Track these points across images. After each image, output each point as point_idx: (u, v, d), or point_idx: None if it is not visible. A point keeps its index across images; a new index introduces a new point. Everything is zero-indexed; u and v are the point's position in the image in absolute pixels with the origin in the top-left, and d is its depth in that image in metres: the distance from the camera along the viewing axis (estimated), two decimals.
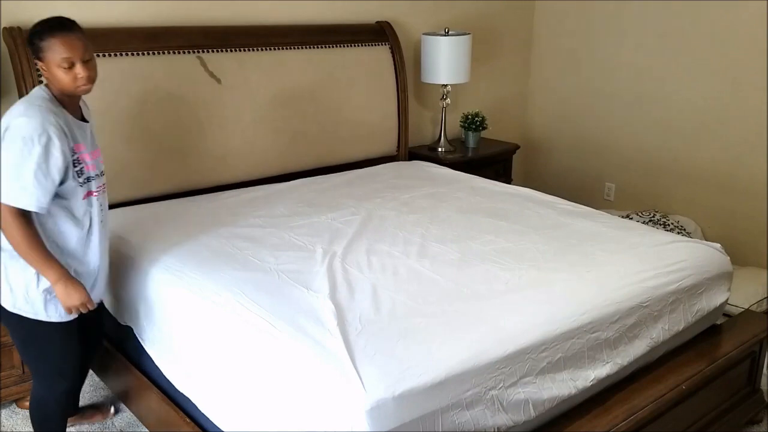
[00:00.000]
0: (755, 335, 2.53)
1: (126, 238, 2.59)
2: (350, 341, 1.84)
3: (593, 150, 4.62)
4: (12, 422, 2.68)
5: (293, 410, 1.77)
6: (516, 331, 1.94)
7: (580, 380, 2.04)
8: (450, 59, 3.90)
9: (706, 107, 3.98)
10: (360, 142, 3.77)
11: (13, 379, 2.68)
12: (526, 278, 2.26)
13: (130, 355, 2.53)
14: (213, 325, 2.08)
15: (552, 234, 2.66)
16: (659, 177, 4.28)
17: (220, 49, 3.24)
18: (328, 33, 3.64)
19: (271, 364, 1.87)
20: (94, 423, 2.68)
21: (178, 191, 3.13)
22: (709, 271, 2.47)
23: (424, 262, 2.37)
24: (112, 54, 2.95)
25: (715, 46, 3.88)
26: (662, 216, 4.03)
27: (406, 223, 2.77)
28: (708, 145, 4.01)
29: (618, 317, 2.14)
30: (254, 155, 3.35)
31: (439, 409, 1.72)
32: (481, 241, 2.58)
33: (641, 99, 4.28)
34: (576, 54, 4.59)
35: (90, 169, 2.10)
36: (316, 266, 2.32)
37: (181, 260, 2.38)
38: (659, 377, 2.24)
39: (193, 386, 2.15)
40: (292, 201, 3.02)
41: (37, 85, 2.14)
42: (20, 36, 2.74)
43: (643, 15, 4.18)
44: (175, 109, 3.08)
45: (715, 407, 2.45)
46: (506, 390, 1.86)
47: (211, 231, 2.63)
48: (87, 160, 2.09)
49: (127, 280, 2.49)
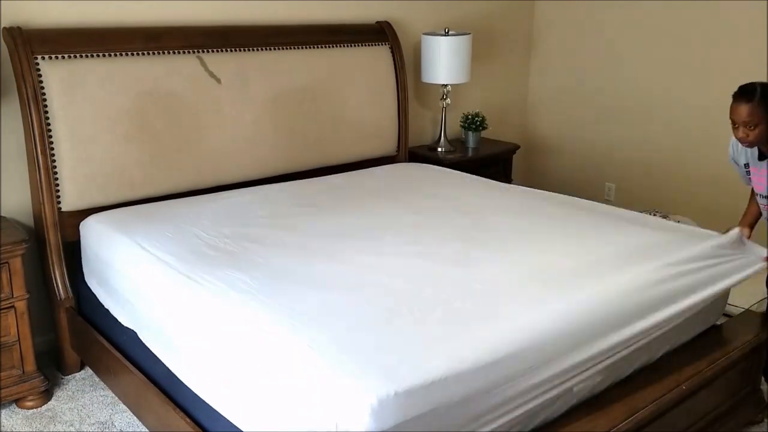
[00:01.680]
0: (755, 335, 2.53)
1: (126, 238, 2.59)
2: (352, 339, 1.84)
3: (593, 150, 4.62)
4: (11, 422, 2.68)
5: (294, 408, 1.77)
6: (520, 330, 1.93)
7: (585, 376, 2.04)
8: (450, 59, 3.90)
9: (706, 107, 3.98)
10: (360, 142, 3.77)
11: (13, 379, 2.68)
12: (528, 275, 2.26)
13: (130, 355, 2.53)
14: (215, 323, 2.08)
15: (556, 233, 2.66)
16: (659, 177, 4.28)
17: (220, 49, 3.24)
18: (328, 33, 3.64)
19: (272, 362, 1.86)
20: None
21: (178, 191, 3.13)
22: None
23: (427, 260, 2.37)
24: (112, 54, 2.95)
25: (715, 46, 3.88)
26: (662, 216, 4.03)
27: (408, 222, 2.77)
28: (708, 144, 4.01)
29: (620, 317, 2.14)
30: (254, 155, 3.35)
31: (442, 407, 1.72)
32: (484, 238, 2.58)
33: (641, 99, 4.28)
34: (576, 54, 4.59)
35: None
36: (319, 265, 2.32)
37: (182, 260, 2.38)
38: (659, 377, 2.23)
39: (196, 380, 2.15)
40: (294, 201, 3.02)
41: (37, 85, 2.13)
42: (20, 36, 2.74)
43: (643, 15, 4.19)
44: (175, 109, 3.08)
45: (715, 407, 2.45)
46: (510, 388, 1.86)
47: (212, 231, 2.63)
48: None
49: (127, 280, 2.50)
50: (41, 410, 2.75)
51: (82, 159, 2.86)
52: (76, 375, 2.98)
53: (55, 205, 2.85)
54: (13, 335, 2.66)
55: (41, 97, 2.77)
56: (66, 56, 2.84)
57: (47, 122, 2.79)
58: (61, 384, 2.92)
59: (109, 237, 2.66)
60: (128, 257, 2.52)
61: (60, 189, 2.85)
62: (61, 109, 2.80)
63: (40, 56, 2.78)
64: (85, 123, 2.85)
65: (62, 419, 2.69)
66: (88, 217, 2.84)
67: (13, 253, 2.59)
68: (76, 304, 2.91)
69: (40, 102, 2.77)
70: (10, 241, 2.58)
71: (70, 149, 2.83)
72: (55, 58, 2.81)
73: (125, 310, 2.53)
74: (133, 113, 2.97)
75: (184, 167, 3.13)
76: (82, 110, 2.84)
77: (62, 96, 2.80)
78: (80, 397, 2.83)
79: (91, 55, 2.90)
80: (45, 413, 2.73)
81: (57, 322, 2.92)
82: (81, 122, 2.84)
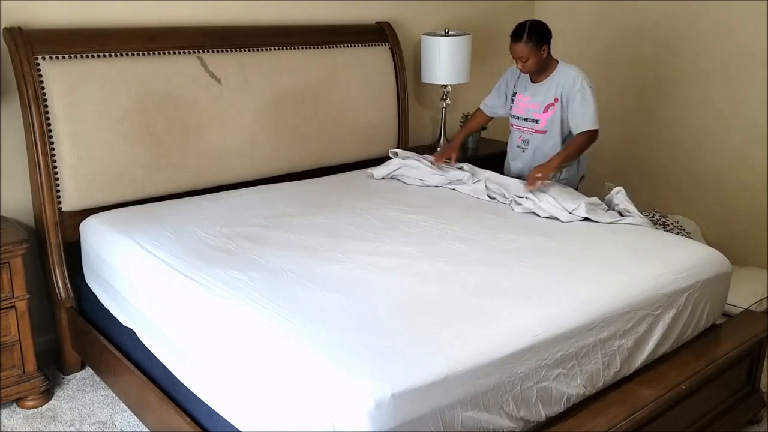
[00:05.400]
0: (755, 335, 2.53)
1: (126, 237, 2.59)
2: (352, 339, 1.85)
3: (593, 150, 4.60)
4: (12, 422, 2.68)
5: (292, 408, 1.77)
6: (518, 331, 1.94)
7: (587, 380, 2.05)
8: (450, 59, 3.91)
9: (705, 107, 3.98)
10: (360, 142, 3.77)
11: (13, 379, 2.68)
12: (529, 276, 2.27)
13: (131, 355, 2.53)
14: (214, 322, 2.09)
15: (555, 233, 2.66)
16: (659, 177, 4.28)
17: (220, 49, 3.24)
18: (328, 33, 3.65)
19: (271, 362, 1.87)
20: None
21: (178, 191, 3.13)
22: (708, 271, 2.47)
23: (426, 261, 2.37)
24: (112, 54, 2.95)
25: (715, 46, 3.88)
26: (662, 216, 4.03)
27: (407, 222, 2.77)
28: (708, 144, 4.01)
29: (620, 317, 2.14)
30: (254, 155, 3.35)
31: (441, 408, 1.72)
32: (482, 239, 2.58)
33: (641, 98, 4.28)
34: (575, 54, 4.58)
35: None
36: (318, 265, 2.33)
37: (182, 259, 2.38)
38: (659, 377, 2.24)
39: (195, 380, 2.15)
40: (294, 201, 3.03)
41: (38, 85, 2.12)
42: (21, 36, 2.75)
43: (643, 14, 4.19)
44: (175, 109, 3.08)
45: (715, 407, 2.45)
46: (510, 389, 1.86)
47: (212, 230, 2.64)
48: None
49: (127, 280, 2.50)
50: (42, 410, 2.75)
51: (82, 159, 2.86)
52: (76, 375, 2.99)
53: (56, 205, 2.86)
54: (14, 335, 2.66)
55: (42, 97, 2.77)
56: (67, 56, 2.84)
57: (48, 122, 2.79)
58: (61, 384, 2.92)
59: (110, 237, 2.66)
60: (128, 257, 2.52)
61: (60, 189, 2.86)
62: (62, 110, 2.80)
63: (41, 56, 2.78)
64: (86, 123, 2.85)
65: (63, 419, 2.69)
66: (89, 217, 2.84)
67: (14, 253, 2.59)
68: (76, 303, 2.91)
69: (41, 102, 2.77)
70: (11, 241, 2.59)
71: (71, 149, 2.83)
72: (55, 59, 2.81)
73: (125, 309, 2.54)
74: (134, 113, 2.97)
75: (184, 167, 3.13)
76: (83, 110, 2.84)
77: (63, 96, 2.80)
78: (81, 396, 2.83)
79: (92, 55, 2.91)
80: (45, 413, 2.73)
81: (57, 321, 2.93)
82: (81, 122, 2.84)
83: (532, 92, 3.28)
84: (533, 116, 3.28)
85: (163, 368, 2.30)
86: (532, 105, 3.28)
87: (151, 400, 2.34)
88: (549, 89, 3.22)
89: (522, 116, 3.33)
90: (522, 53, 3.12)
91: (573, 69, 3.22)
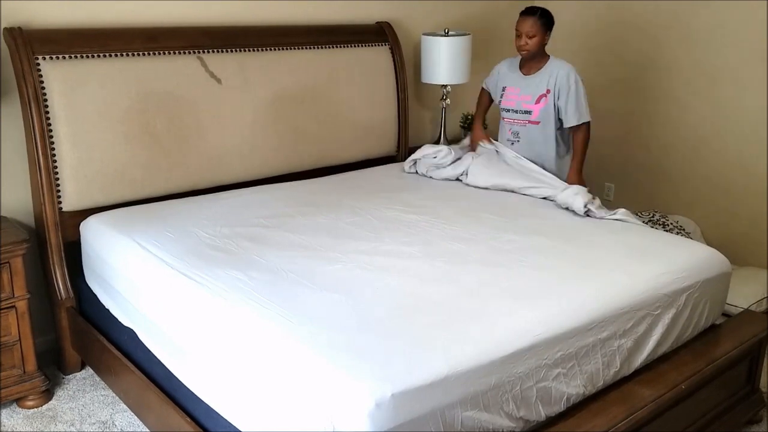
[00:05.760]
0: (755, 335, 2.54)
1: (126, 237, 2.59)
2: (352, 339, 1.85)
3: (593, 150, 4.59)
4: (12, 422, 2.68)
5: (292, 408, 1.77)
6: (518, 331, 1.94)
7: (587, 379, 2.05)
8: (450, 59, 3.91)
9: (706, 107, 3.98)
10: (360, 142, 3.77)
11: (13, 379, 2.68)
12: (529, 276, 2.27)
13: (131, 354, 2.53)
14: (214, 322, 2.09)
15: (555, 233, 2.66)
16: (659, 177, 4.28)
17: (221, 49, 3.24)
18: (328, 33, 3.65)
19: (271, 362, 1.87)
20: None
21: (178, 191, 3.13)
22: (707, 271, 2.47)
23: (426, 261, 2.38)
24: (112, 54, 2.96)
25: (715, 45, 3.89)
26: (662, 216, 4.03)
27: (408, 222, 2.77)
28: (708, 145, 4.01)
29: (620, 317, 2.15)
30: (254, 155, 3.35)
31: (441, 408, 1.72)
32: (482, 239, 2.58)
33: (640, 98, 4.28)
34: (574, 53, 4.58)
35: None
36: (318, 265, 2.33)
37: (182, 259, 2.38)
38: (659, 377, 2.24)
39: (195, 380, 2.15)
40: (294, 201, 3.03)
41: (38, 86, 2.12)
42: (20, 36, 2.75)
43: (642, 14, 4.19)
44: (175, 110, 3.08)
45: (715, 407, 2.46)
46: (510, 389, 1.86)
47: (212, 230, 2.64)
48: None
49: (127, 280, 2.50)
50: (42, 410, 2.75)
51: (82, 159, 2.86)
52: (76, 374, 2.99)
53: (56, 205, 2.86)
54: (14, 335, 2.66)
55: (42, 97, 2.77)
56: (67, 56, 2.84)
57: (48, 122, 2.79)
58: (61, 383, 2.92)
59: (110, 237, 2.67)
60: (128, 257, 2.53)
61: (61, 189, 2.86)
62: (62, 110, 2.81)
63: (41, 56, 2.78)
64: (86, 123, 2.85)
65: (63, 419, 2.69)
66: (89, 217, 2.84)
67: (14, 253, 2.59)
68: (76, 303, 2.91)
69: (41, 102, 2.77)
70: (11, 241, 2.59)
71: (71, 149, 2.83)
72: (56, 59, 2.81)
73: (125, 309, 2.54)
74: (134, 113, 2.97)
75: (184, 167, 3.13)
76: (83, 110, 2.84)
77: (63, 96, 2.80)
78: (81, 396, 2.84)
79: (92, 55, 2.91)
80: (46, 413, 2.73)
81: (58, 321, 2.93)
82: (82, 122, 2.84)
83: (524, 84, 3.39)
84: (524, 107, 3.38)
85: (163, 368, 2.30)
86: (523, 97, 3.39)
87: (151, 400, 2.34)
88: (541, 81, 3.34)
89: (513, 108, 3.43)
90: (531, 29, 3.25)
91: (565, 63, 3.35)
